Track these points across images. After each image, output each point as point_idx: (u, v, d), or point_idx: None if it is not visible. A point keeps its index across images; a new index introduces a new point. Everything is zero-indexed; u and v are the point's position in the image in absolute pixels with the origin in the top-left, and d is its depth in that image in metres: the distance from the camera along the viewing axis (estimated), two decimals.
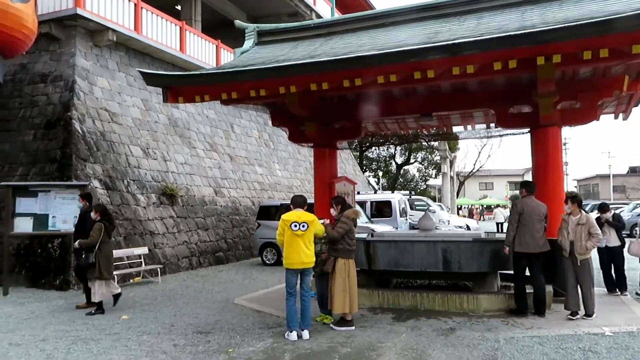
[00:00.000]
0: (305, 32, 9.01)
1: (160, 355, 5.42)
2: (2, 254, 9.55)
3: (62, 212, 9.65)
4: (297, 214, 6.12)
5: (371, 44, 7.26)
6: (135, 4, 13.99)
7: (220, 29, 20.80)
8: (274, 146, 20.85)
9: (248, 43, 9.27)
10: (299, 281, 6.22)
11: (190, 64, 15.60)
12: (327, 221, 6.68)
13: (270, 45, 9.15)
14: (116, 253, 10.48)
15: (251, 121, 19.95)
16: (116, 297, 7.90)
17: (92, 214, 7.73)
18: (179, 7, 19.75)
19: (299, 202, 6.26)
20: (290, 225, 5.99)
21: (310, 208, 6.55)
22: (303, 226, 6.01)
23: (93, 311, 7.54)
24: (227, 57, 17.65)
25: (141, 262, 11.03)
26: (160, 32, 14.90)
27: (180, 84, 7.41)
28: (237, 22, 9.77)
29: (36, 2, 8.84)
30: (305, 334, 6.00)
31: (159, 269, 11.10)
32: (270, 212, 14.10)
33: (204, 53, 16.83)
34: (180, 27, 15.83)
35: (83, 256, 7.56)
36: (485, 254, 7.25)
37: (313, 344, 5.77)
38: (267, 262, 13.64)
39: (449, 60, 5.84)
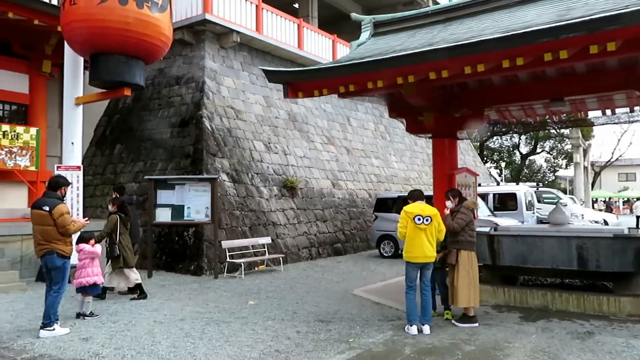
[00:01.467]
0: (422, 20, 8.75)
1: (285, 341, 5.66)
2: (147, 241, 10.64)
3: (196, 203, 10.49)
4: (420, 207, 6.03)
5: (494, 27, 6.84)
6: (256, 6, 14.69)
7: (335, 24, 21.05)
8: (390, 138, 20.68)
9: (364, 35, 9.25)
10: (418, 275, 6.10)
11: (308, 60, 16.01)
12: (447, 211, 6.54)
13: (387, 36, 9.04)
14: (242, 242, 11.19)
15: (367, 113, 19.97)
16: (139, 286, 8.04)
17: (110, 207, 8.12)
18: (296, 5, 20.36)
19: (417, 195, 6.20)
20: (414, 218, 5.91)
21: (428, 201, 6.37)
22: (427, 220, 5.93)
23: (137, 296, 7.96)
24: (343, 51, 17.82)
25: (265, 251, 11.62)
26: (279, 30, 15.48)
27: (300, 80, 7.61)
28: (354, 15, 9.79)
29: (171, 11, 9.61)
30: (426, 328, 5.88)
31: (281, 258, 11.61)
32: (387, 205, 14.03)
33: (320, 48, 17.18)
34: (298, 25, 16.31)
35: (108, 249, 7.82)
36: (629, 252, 6.52)
37: (434, 339, 5.63)
38: (384, 254, 13.62)
39: (587, 39, 5.29)
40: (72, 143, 9.99)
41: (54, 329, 5.89)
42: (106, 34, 8.62)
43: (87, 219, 6.71)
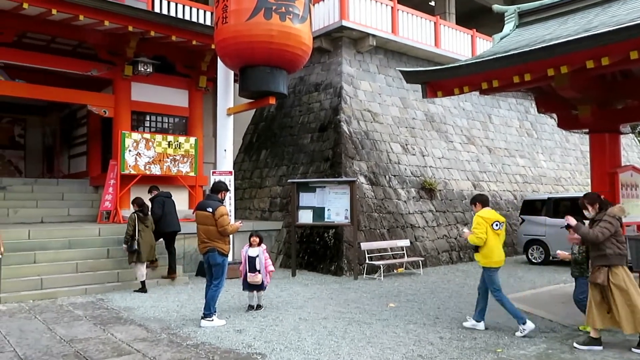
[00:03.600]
0: (576, 4, 7.97)
1: (427, 346, 5.53)
2: (290, 241, 11.19)
3: (335, 205, 10.76)
4: (494, 213, 6.24)
5: None
6: (392, 8, 14.67)
7: (474, 18, 20.17)
8: (538, 135, 19.18)
9: (508, 27, 8.70)
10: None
11: (446, 58, 15.54)
12: (572, 221, 5.50)
13: (534, 25, 8.40)
14: (380, 244, 11.21)
15: (511, 110, 18.77)
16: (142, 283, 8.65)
17: (132, 206, 8.75)
18: (432, 3, 19.91)
19: (487, 200, 6.40)
20: (492, 225, 6.09)
21: (573, 203, 5.74)
22: (502, 225, 6.16)
23: (139, 289, 8.58)
24: (483, 46, 17.00)
25: (403, 253, 11.50)
26: (415, 30, 15.27)
27: (439, 78, 7.42)
28: (495, 7, 9.27)
29: (311, 21, 10.02)
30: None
31: (420, 262, 11.40)
32: (535, 207, 13.03)
33: (459, 45, 16.58)
34: (435, 23, 15.93)
35: (127, 244, 8.47)
36: None
37: (597, 356, 5.06)
38: (533, 260, 12.64)
39: None
40: (225, 150, 10.91)
41: (212, 320, 6.47)
42: (253, 47, 9.28)
43: (240, 222, 7.26)
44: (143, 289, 8.65)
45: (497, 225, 6.07)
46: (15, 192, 11.89)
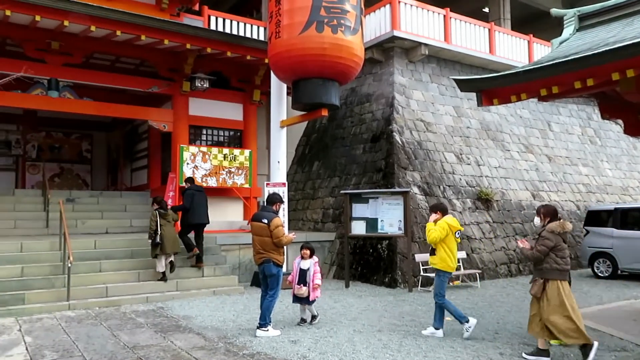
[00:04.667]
0: None
1: None
2: (343, 253, 11.17)
3: (389, 216, 10.66)
4: (456, 222, 6.62)
5: None
6: (444, 16, 14.49)
7: (531, 23, 19.61)
8: (602, 142, 18.27)
9: (567, 31, 8.39)
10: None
11: (501, 65, 15.15)
12: (521, 244, 5.90)
13: (595, 28, 8.05)
14: None
15: (571, 116, 18.01)
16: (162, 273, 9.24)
17: (153, 205, 9.40)
18: (486, 10, 19.52)
19: (445, 208, 6.81)
20: (455, 233, 6.54)
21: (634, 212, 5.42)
22: (460, 233, 6.64)
23: (159, 279, 9.20)
24: (541, 51, 16.45)
25: (460, 266, 11.21)
26: (468, 38, 14.99)
27: (495, 86, 7.23)
28: (554, 10, 8.97)
29: (363, 33, 10.05)
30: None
31: (477, 274, 11.08)
32: (600, 218, 12.39)
33: (514, 51, 16.13)
34: (489, 29, 15.58)
35: (152, 239, 9.03)
36: None
37: None
38: (599, 274, 12.00)
39: None
40: (278, 162, 11.08)
41: (268, 330, 6.54)
42: (306, 60, 9.41)
43: (294, 233, 7.31)
44: (163, 278, 9.26)
45: (458, 233, 6.62)
46: (82, 204, 12.56)
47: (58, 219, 9.55)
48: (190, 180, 10.53)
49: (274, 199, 6.97)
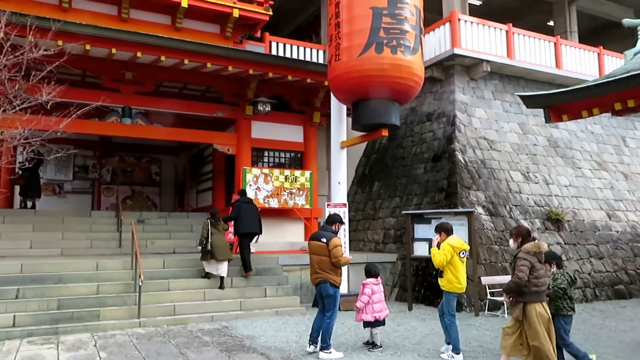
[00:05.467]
0: None
1: None
2: (406, 274, 10.97)
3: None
4: (460, 241, 6.64)
5: None
6: (506, 32, 14.17)
7: (599, 35, 18.79)
8: None
9: None
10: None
11: (569, 79, 14.57)
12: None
13: None
14: (503, 279, 10.53)
15: None
16: (221, 279, 9.69)
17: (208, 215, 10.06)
18: (551, 23, 18.92)
19: (449, 228, 6.77)
20: (459, 253, 6.55)
21: None
22: (467, 253, 6.68)
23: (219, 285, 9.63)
24: (612, 63, 15.69)
25: None
26: (532, 53, 14.55)
27: (564, 101, 6.97)
28: (626, 21, 8.55)
29: (423, 52, 10.00)
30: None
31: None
32: None
33: (583, 64, 15.46)
34: (555, 43, 15.05)
35: (202, 245, 9.63)
36: None
37: None
38: None
39: None
40: (339, 183, 11.11)
41: (330, 352, 6.49)
42: (365, 81, 9.47)
43: (351, 255, 7.24)
44: (222, 285, 9.70)
45: (463, 253, 6.61)
46: (152, 225, 13.12)
47: (130, 239, 10.04)
48: (242, 192, 11.02)
49: (334, 219, 6.98)
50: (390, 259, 12.42)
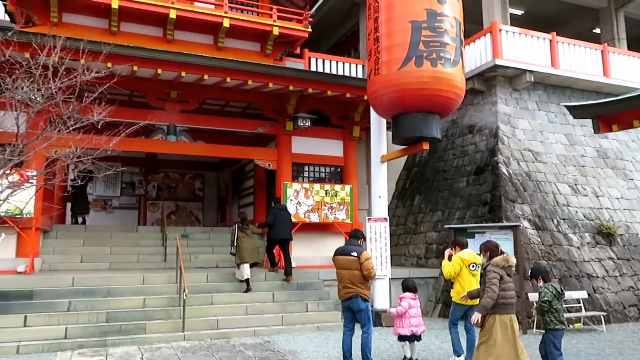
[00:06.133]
0: None
1: None
2: (448, 290, 10.71)
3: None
4: (472, 255, 6.90)
5: None
6: (550, 41, 13.84)
7: None
8: None
9: None
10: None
11: (617, 88, 14.07)
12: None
13: None
14: None
15: None
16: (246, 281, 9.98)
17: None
18: (597, 30, 18.36)
19: (464, 243, 7.16)
20: (469, 266, 6.82)
21: None
22: (478, 267, 6.74)
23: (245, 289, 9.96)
24: None
25: (580, 307, 10.27)
26: (578, 61, 14.15)
27: (614, 111, 6.73)
28: None
29: (463, 63, 9.88)
30: None
31: (602, 317, 10.05)
32: None
33: (633, 72, 14.91)
34: (602, 51, 14.59)
35: (231, 249, 10.23)
36: None
37: None
38: None
39: None
40: (380, 197, 11.04)
41: None
42: (405, 95, 9.41)
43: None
44: (248, 288, 9.99)
45: (473, 266, 6.82)
46: (195, 240, 13.39)
47: (174, 254, 10.27)
48: (276, 200, 11.61)
49: (359, 235, 7.03)
50: (432, 274, 12.19)
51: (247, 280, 9.99)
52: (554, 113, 14.03)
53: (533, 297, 9.84)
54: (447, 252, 7.17)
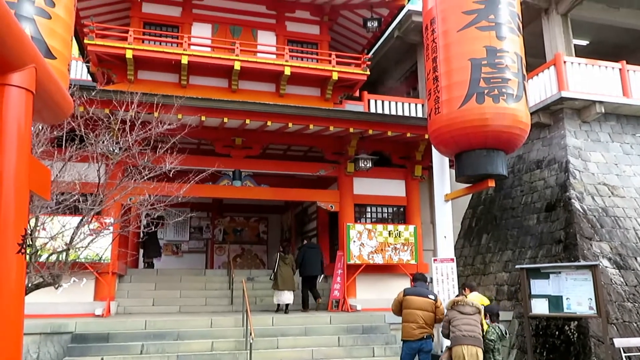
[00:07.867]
0: None
1: None
2: (524, 334, 10.14)
3: (575, 293, 9.47)
4: (479, 297, 7.49)
5: None
6: (620, 70, 13.29)
7: None
8: None
9: None
10: None
11: None
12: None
13: None
14: (637, 341, 9.38)
15: None
16: (286, 306, 11.05)
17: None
18: None
19: (473, 285, 7.89)
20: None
21: None
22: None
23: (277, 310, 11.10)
24: None
25: None
26: None
27: None
28: None
29: (527, 98, 9.67)
30: None
31: None
32: None
33: None
34: None
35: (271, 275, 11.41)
36: None
37: None
38: None
39: None
40: (445, 237, 10.77)
41: None
42: (468, 133, 9.29)
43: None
44: (278, 310, 11.11)
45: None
46: (260, 282, 13.54)
47: (240, 296, 10.42)
48: (308, 238, 12.72)
49: (426, 278, 7.63)
50: (505, 318, 11.56)
51: (286, 305, 11.01)
52: (630, 144, 13.29)
53: (619, 342, 9.09)
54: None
